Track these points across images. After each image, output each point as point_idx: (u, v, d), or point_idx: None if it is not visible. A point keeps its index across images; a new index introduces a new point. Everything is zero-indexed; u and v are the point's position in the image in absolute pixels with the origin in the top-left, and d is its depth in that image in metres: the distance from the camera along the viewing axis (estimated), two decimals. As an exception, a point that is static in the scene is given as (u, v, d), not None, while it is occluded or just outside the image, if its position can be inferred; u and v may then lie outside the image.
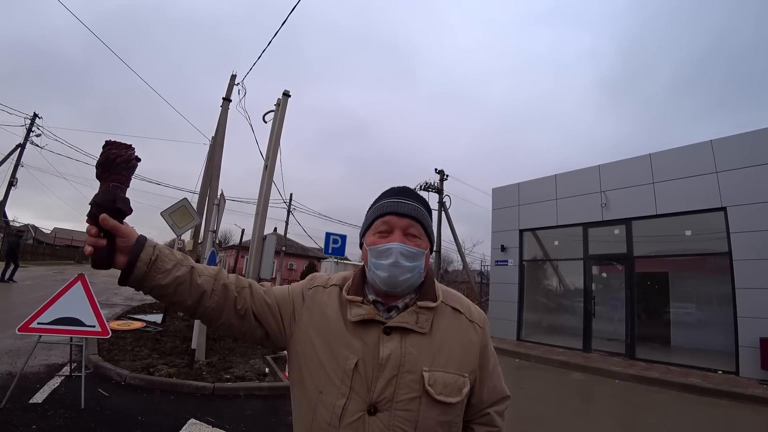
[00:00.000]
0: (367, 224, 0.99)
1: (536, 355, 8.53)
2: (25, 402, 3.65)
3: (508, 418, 1.01)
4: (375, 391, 0.83)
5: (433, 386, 0.84)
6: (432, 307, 0.92)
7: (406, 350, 0.86)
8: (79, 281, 3.85)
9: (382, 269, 0.89)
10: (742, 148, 7.54)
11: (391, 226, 0.92)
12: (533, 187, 11.26)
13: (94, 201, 0.79)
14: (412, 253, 0.90)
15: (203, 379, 4.66)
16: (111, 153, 0.80)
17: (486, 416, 0.97)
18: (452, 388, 0.86)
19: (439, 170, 19.25)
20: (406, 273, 0.89)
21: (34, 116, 20.12)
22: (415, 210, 0.94)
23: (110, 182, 0.80)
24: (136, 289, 0.83)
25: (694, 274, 9.04)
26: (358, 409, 0.83)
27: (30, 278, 15.74)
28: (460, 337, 0.93)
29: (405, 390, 0.83)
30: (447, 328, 0.92)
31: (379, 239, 0.92)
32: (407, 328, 0.88)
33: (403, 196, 0.96)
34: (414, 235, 0.93)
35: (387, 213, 0.94)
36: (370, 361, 0.85)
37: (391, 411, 0.82)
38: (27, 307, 5.76)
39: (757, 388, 6.07)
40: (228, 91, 9.66)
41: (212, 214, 7.34)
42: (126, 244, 0.80)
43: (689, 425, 4.73)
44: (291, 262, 32.28)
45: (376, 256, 0.90)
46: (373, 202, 1.01)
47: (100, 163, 0.80)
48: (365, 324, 0.88)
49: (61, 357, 5.13)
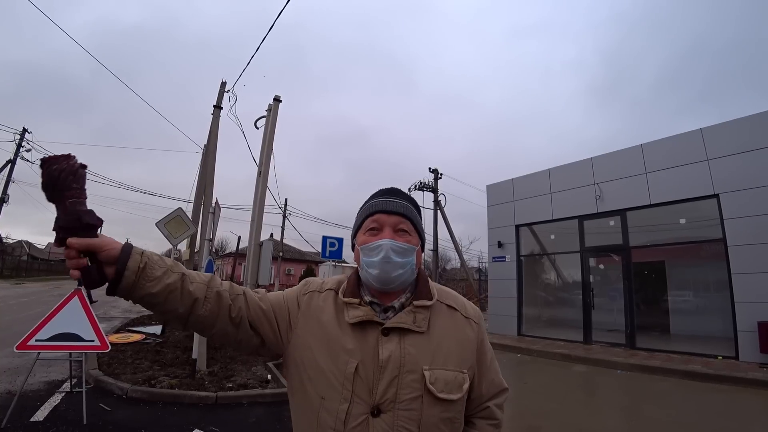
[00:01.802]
0: (357, 224, 0.99)
1: (537, 350, 8.56)
2: (26, 420, 3.61)
3: (512, 413, 1.03)
4: (377, 393, 0.83)
5: (434, 384, 0.84)
6: (428, 306, 0.92)
7: (406, 350, 0.86)
8: (76, 296, 3.81)
9: (374, 267, 0.89)
10: (731, 135, 7.61)
11: (381, 223, 0.93)
12: (527, 182, 11.30)
13: (58, 226, 0.74)
14: (403, 249, 0.90)
15: (205, 388, 4.63)
16: (53, 170, 0.73)
17: (486, 410, 0.98)
18: (453, 385, 0.87)
19: (433, 169, 19.29)
20: (398, 269, 0.89)
21: (24, 131, 19.96)
22: (403, 207, 0.95)
23: (65, 200, 0.74)
24: (125, 299, 0.81)
25: (690, 261, 9.11)
26: (362, 412, 0.82)
27: (26, 295, 15.60)
28: (457, 334, 0.93)
29: (407, 390, 0.83)
30: (444, 325, 0.93)
31: (370, 237, 0.93)
32: (405, 328, 0.88)
33: (392, 195, 0.98)
34: (404, 231, 0.93)
35: (376, 212, 0.94)
36: (370, 364, 0.85)
37: (395, 411, 0.82)
38: (24, 325, 5.71)
39: (758, 371, 6.12)
40: (219, 98, 9.62)
41: (207, 222, 7.31)
42: (109, 255, 0.77)
43: (692, 411, 4.76)
44: (289, 268, 32.20)
45: (368, 254, 0.91)
46: (363, 204, 1.02)
47: (45, 185, 0.74)
48: (363, 325, 0.88)
49: (60, 373, 5.08)
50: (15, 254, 33.99)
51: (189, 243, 9.64)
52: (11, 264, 29.91)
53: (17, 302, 12.89)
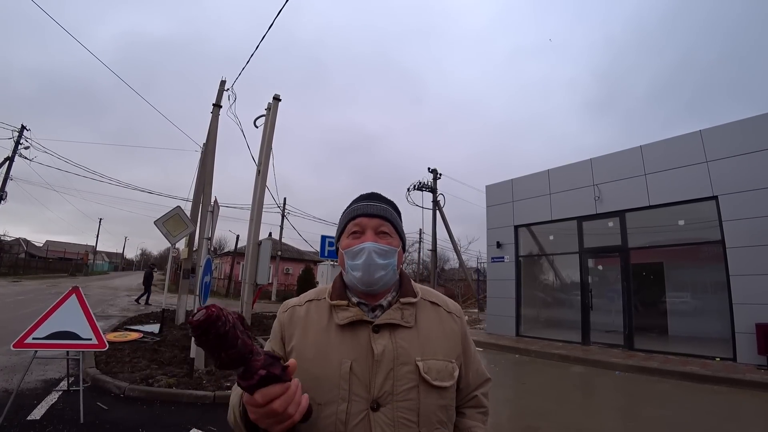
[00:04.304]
0: (340, 229, 1.03)
1: (536, 350, 8.56)
2: (23, 419, 3.60)
3: (510, 413, 1.05)
4: (375, 387, 0.86)
5: (428, 373, 0.88)
6: (414, 303, 0.97)
7: (398, 344, 0.90)
8: (74, 294, 3.80)
9: (357, 269, 0.93)
10: (731, 137, 7.63)
11: (362, 227, 0.97)
12: (526, 182, 11.30)
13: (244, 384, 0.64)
14: (384, 251, 0.94)
15: (203, 387, 4.62)
16: (216, 333, 0.58)
17: (474, 398, 1.03)
18: (444, 373, 0.91)
19: (432, 169, 19.29)
20: (380, 270, 0.92)
21: (22, 128, 19.90)
22: (384, 210, 0.99)
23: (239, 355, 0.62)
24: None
25: (688, 263, 9.13)
26: (361, 410, 0.84)
27: (23, 292, 15.56)
28: (442, 328, 0.98)
29: (403, 381, 0.87)
30: (429, 320, 0.98)
31: (353, 241, 0.96)
32: (395, 324, 0.92)
33: (372, 200, 1.02)
34: (385, 233, 0.97)
35: (358, 215, 0.98)
36: (364, 361, 0.88)
37: (393, 403, 0.85)
38: (21, 323, 5.69)
39: (755, 373, 6.13)
40: (218, 97, 9.60)
41: (206, 221, 7.30)
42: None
43: (690, 413, 4.76)
44: (287, 267, 32.13)
45: (351, 257, 0.94)
46: (345, 209, 1.05)
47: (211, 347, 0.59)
48: (354, 326, 0.91)
49: (58, 372, 5.07)
50: (12, 252, 33.89)
51: (187, 241, 9.63)
52: (8, 262, 29.83)
53: (14, 300, 12.85)
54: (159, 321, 8.40)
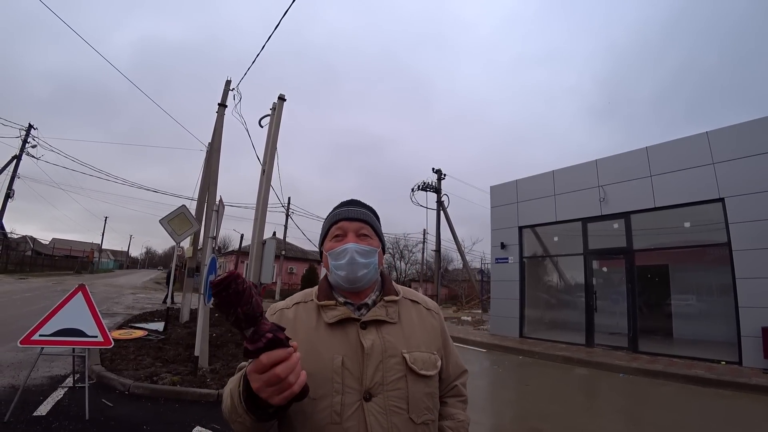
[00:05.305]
0: (323, 234, 1.10)
1: (539, 352, 8.53)
2: (29, 415, 3.64)
3: (514, 415, 1.08)
4: (366, 379, 0.92)
5: (414, 364, 0.96)
6: (396, 300, 1.05)
7: (385, 338, 0.97)
8: (80, 291, 3.84)
9: (341, 269, 1.00)
10: (738, 138, 7.56)
11: (344, 230, 1.04)
12: (531, 183, 11.26)
13: (248, 348, 0.68)
14: (366, 251, 1.01)
15: (207, 386, 4.65)
16: (231, 292, 0.65)
17: (454, 388, 1.12)
18: (429, 364, 0.99)
19: (437, 170, 19.27)
20: (362, 269, 0.99)
21: (29, 127, 20.09)
22: (363, 214, 1.07)
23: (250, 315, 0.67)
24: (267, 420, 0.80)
25: (694, 265, 9.06)
26: (355, 400, 0.90)
27: (30, 290, 15.70)
28: (423, 323, 1.07)
29: (392, 372, 0.93)
30: (411, 316, 1.06)
31: (336, 243, 1.03)
32: (381, 320, 0.99)
33: (352, 205, 1.10)
34: (365, 235, 1.04)
35: (339, 220, 1.05)
36: (354, 356, 0.93)
37: (384, 393, 0.91)
38: (28, 320, 5.75)
39: (761, 377, 6.08)
40: (223, 96, 9.65)
41: (211, 220, 7.34)
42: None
43: (695, 417, 4.73)
44: (291, 266, 32.22)
45: (335, 258, 1.01)
46: (327, 215, 1.13)
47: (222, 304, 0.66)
48: (342, 323, 0.97)
49: (63, 368, 5.12)
50: (19, 249, 34.16)
51: (192, 240, 9.69)
52: (15, 259, 30.06)
53: (21, 297, 12.98)
54: (163, 319, 8.45)
